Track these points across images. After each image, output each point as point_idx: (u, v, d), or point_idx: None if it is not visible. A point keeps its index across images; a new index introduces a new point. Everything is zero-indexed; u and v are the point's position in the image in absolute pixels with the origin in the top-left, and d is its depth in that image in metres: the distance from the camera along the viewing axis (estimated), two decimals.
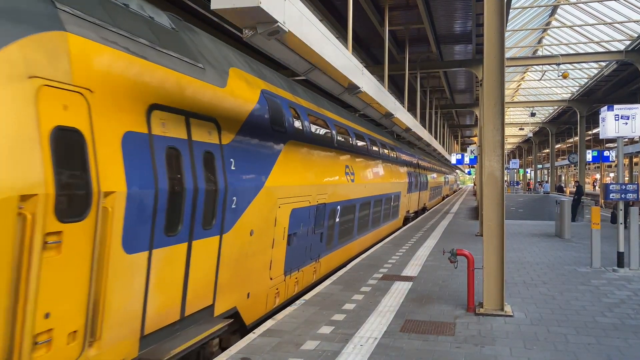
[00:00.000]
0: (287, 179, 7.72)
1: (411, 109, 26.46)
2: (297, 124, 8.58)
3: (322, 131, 10.34)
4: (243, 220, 6.34)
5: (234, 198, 6.03)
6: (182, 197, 4.98)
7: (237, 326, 6.68)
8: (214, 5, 4.54)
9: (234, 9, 4.56)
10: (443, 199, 46.98)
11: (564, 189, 37.49)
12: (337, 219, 10.75)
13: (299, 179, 8.25)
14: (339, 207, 10.68)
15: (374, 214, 14.88)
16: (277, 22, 4.98)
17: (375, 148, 15.28)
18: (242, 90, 6.59)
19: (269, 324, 6.50)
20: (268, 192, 7.00)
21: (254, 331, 6.21)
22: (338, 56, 7.63)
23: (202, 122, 5.50)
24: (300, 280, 8.84)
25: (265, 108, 7.19)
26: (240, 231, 6.32)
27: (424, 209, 29.36)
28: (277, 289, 7.79)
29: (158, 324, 4.86)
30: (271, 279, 7.50)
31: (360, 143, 13.52)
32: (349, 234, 12.07)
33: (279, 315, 6.86)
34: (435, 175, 36.93)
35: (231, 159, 6.02)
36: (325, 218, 9.80)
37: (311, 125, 9.37)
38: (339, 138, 11.22)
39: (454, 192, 73.77)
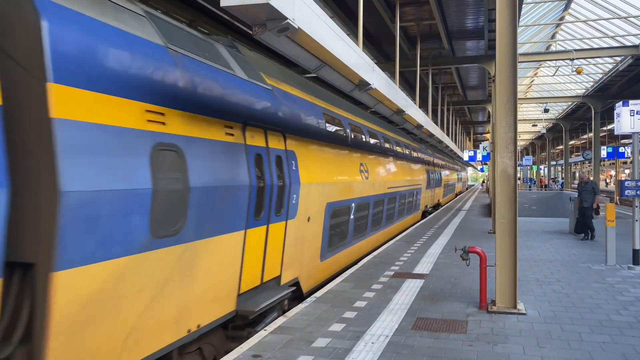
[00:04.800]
0: None
1: (423, 106, 26.38)
2: None
3: None
4: None
5: None
6: None
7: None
8: (223, 3, 4.54)
9: (244, 6, 4.55)
10: (423, 215, 24.24)
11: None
12: None
13: None
14: None
15: None
16: (286, 18, 4.96)
17: None
18: None
19: (280, 321, 6.50)
20: None
21: (265, 328, 6.22)
22: (348, 53, 7.60)
23: None
24: None
25: None
26: None
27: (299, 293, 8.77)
28: None
29: None
30: None
31: None
32: None
33: (290, 313, 6.87)
34: (383, 169, 14.72)
35: None
36: None
37: None
38: None
39: (458, 194, 51.51)
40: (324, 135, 9.61)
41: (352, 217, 11.17)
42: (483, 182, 72.94)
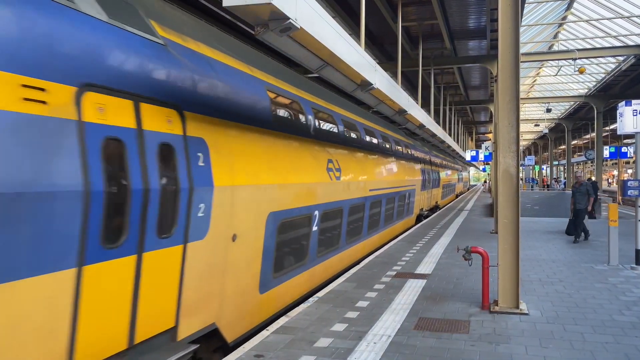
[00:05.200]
0: None
1: (425, 106, 26.38)
2: None
3: None
4: None
5: None
6: None
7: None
8: (226, 3, 4.55)
9: (246, 6, 4.55)
10: (418, 220, 21.96)
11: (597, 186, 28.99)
12: None
13: None
14: None
15: None
16: (289, 18, 4.97)
17: None
18: None
19: (282, 321, 6.50)
20: None
21: (267, 328, 6.22)
22: (351, 53, 7.60)
23: None
24: None
25: None
26: None
27: None
28: None
29: None
30: None
31: None
32: None
33: (292, 313, 6.86)
34: None
35: None
36: None
37: None
38: None
39: (459, 195, 48.06)
40: (266, 119, 6.91)
41: (314, 228, 8.66)
42: (485, 181, 72.81)
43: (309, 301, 7.47)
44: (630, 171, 67.52)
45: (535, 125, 50.79)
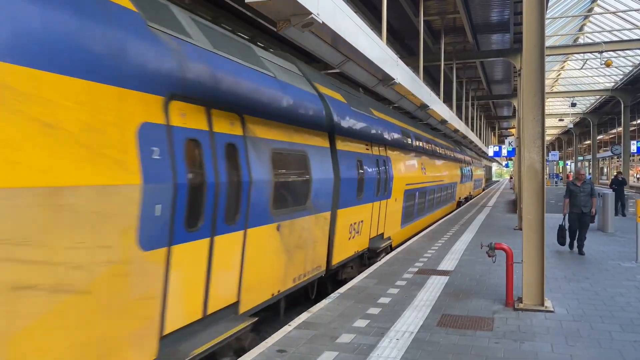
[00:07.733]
0: None
1: (447, 101, 26.14)
2: None
3: None
4: None
5: None
6: None
7: None
8: None
9: (268, 2, 4.56)
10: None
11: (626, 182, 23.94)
12: None
13: None
14: None
15: None
16: (311, 13, 4.96)
17: None
18: None
19: (304, 316, 6.52)
20: None
21: (289, 324, 6.24)
22: (372, 48, 7.55)
23: None
24: None
25: None
26: None
27: None
28: None
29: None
30: None
31: None
32: None
33: (314, 308, 6.88)
34: None
35: None
36: None
37: None
38: None
39: (464, 201, 31.59)
40: None
41: None
42: (511, 178, 72.02)
43: (331, 297, 7.48)
44: None
45: (560, 120, 49.95)
